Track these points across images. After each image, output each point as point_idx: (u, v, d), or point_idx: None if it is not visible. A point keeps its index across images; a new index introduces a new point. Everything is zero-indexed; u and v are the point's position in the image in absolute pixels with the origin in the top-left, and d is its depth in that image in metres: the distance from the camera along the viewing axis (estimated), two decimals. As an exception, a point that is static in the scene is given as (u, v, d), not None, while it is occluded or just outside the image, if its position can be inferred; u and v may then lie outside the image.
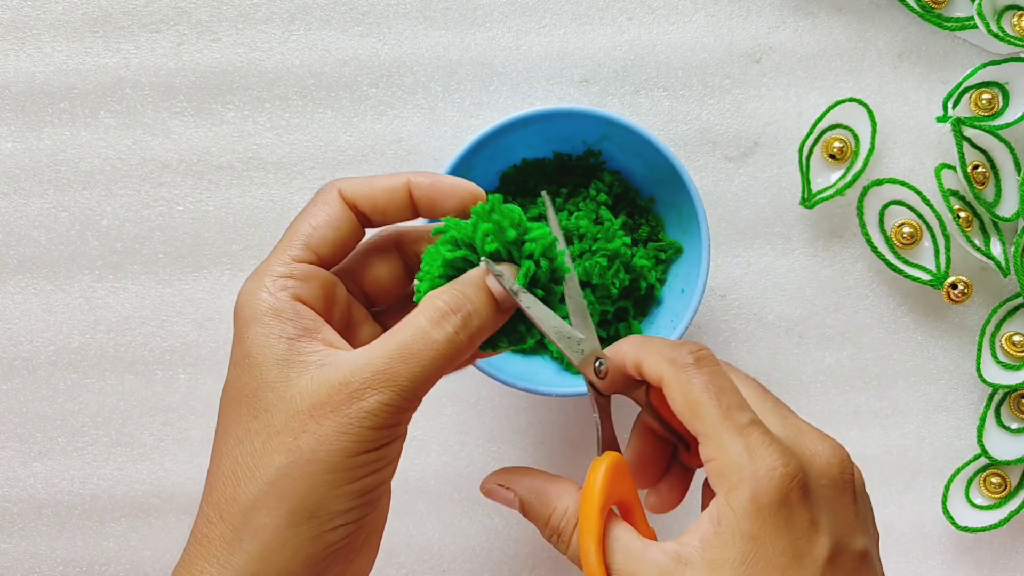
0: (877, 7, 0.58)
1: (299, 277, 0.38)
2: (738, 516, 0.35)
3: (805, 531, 0.35)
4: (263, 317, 0.36)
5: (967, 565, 0.59)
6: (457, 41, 0.58)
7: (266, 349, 0.36)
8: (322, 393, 0.35)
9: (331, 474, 0.34)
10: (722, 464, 0.36)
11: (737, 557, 0.35)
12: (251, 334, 0.36)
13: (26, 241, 0.58)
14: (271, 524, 0.34)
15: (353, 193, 0.39)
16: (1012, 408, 0.57)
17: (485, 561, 0.58)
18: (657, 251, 0.54)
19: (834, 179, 0.57)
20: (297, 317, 0.37)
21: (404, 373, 0.35)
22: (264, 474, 0.35)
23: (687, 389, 0.37)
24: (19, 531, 0.59)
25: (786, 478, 0.35)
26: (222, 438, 0.36)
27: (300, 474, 0.34)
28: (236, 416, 0.36)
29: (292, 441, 0.35)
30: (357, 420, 0.34)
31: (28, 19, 0.58)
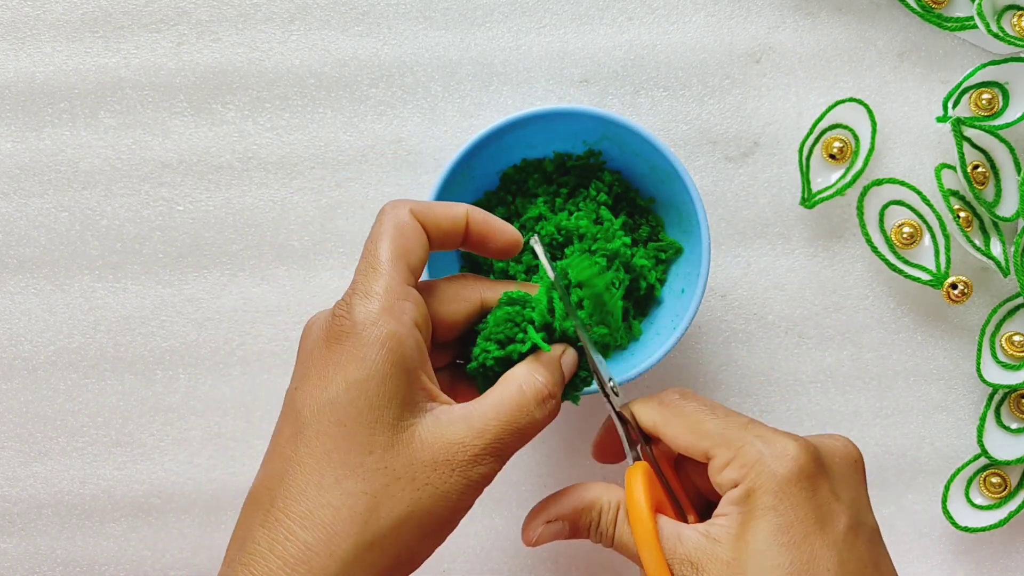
0: (877, 7, 0.58)
1: (412, 301, 0.38)
2: (763, 494, 0.37)
3: (826, 500, 0.38)
4: (389, 342, 0.36)
5: (967, 565, 0.59)
6: (457, 41, 0.58)
7: (390, 380, 0.36)
8: (444, 450, 0.36)
9: (439, 529, 0.37)
10: (740, 458, 0.38)
11: (766, 528, 0.37)
12: (376, 358, 0.36)
13: (26, 241, 0.58)
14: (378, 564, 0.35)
15: (424, 217, 0.40)
16: (1012, 408, 0.57)
17: (485, 561, 0.58)
18: (657, 251, 0.54)
19: (834, 179, 0.57)
20: (417, 348, 0.37)
21: (512, 446, 0.38)
22: (384, 519, 0.35)
23: (682, 418, 0.40)
24: (19, 531, 0.59)
25: (800, 450, 0.38)
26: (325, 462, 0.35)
27: (417, 524, 0.36)
28: (346, 444, 0.35)
29: (414, 493, 0.35)
30: (475, 484, 0.37)
31: (28, 19, 0.58)
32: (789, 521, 0.37)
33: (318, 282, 0.58)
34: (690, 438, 0.40)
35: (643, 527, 0.38)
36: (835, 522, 0.37)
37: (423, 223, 0.39)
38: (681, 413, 0.40)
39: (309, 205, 0.58)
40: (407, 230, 0.39)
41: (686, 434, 0.40)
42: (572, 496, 0.41)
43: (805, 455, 0.38)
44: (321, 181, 0.58)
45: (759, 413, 0.58)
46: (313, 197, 0.58)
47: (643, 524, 0.38)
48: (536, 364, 0.40)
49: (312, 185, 0.58)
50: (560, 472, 0.58)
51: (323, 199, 0.58)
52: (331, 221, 0.58)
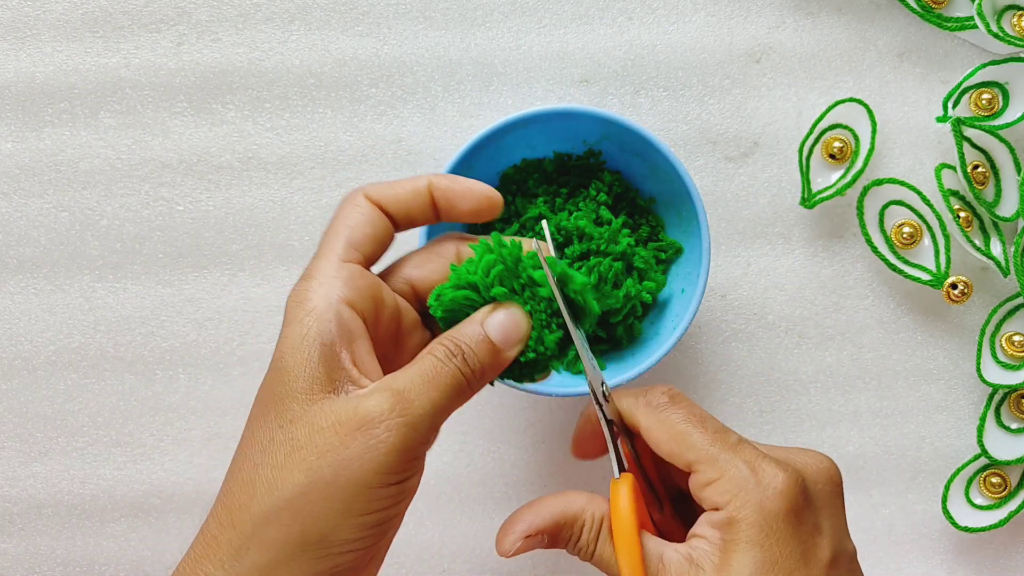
0: (877, 7, 0.58)
1: (346, 277, 0.37)
2: (747, 525, 0.36)
3: (810, 534, 0.37)
4: (305, 319, 0.36)
5: (967, 565, 0.59)
6: (457, 41, 0.58)
7: (299, 353, 0.36)
8: (347, 413, 0.35)
9: (348, 502, 0.34)
10: (724, 483, 0.37)
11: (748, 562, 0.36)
12: (290, 335, 0.36)
13: (26, 241, 0.58)
14: (280, 540, 0.34)
15: (379, 196, 0.39)
16: (1012, 408, 0.57)
17: (485, 561, 0.58)
18: (657, 251, 0.54)
19: (834, 179, 0.57)
20: (338, 321, 0.36)
21: (423, 399, 0.35)
22: (282, 489, 0.34)
23: (669, 426, 0.39)
24: (19, 531, 0.59)
25: (790, 484, 0.37)
26: (247, 442, 0.36)
27: (318, 497, 0.34)
28: (263, 421, 0.36)
29: (314, 461, 0.34)
30: (377, 445, 0.34)
31: (28, 19, 0.58)
32: (774, 557, 0.36)
33: (318, 282, 0.58)
34: (673, 448, 0.39)
35: (628, 546, 0.37)
36: (819, 556, 0.37)
37: (379, 202, 0.39)
38: (667, 421, 0.39)
39: (309, 205, 0.58)
40: (354, 211, 0.39)
41: (669, 442, 0.39)
42: (552, 506, 0.40)
43: (794, 488, 0.37)
44: (321, 181, 0.58)
45: (759, 413, 0.58)
46: (313, 197, 0.58)
47: (628, 543, 0.37)
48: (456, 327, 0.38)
49: (312, 185, 0.58)
50: (560, 472, 0.58)
51: (323, 199, 0.58)
52: (331, 221, 0.58)
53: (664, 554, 0.37)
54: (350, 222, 0.38)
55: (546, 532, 0.39)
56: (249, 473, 0.35)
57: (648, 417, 0.39)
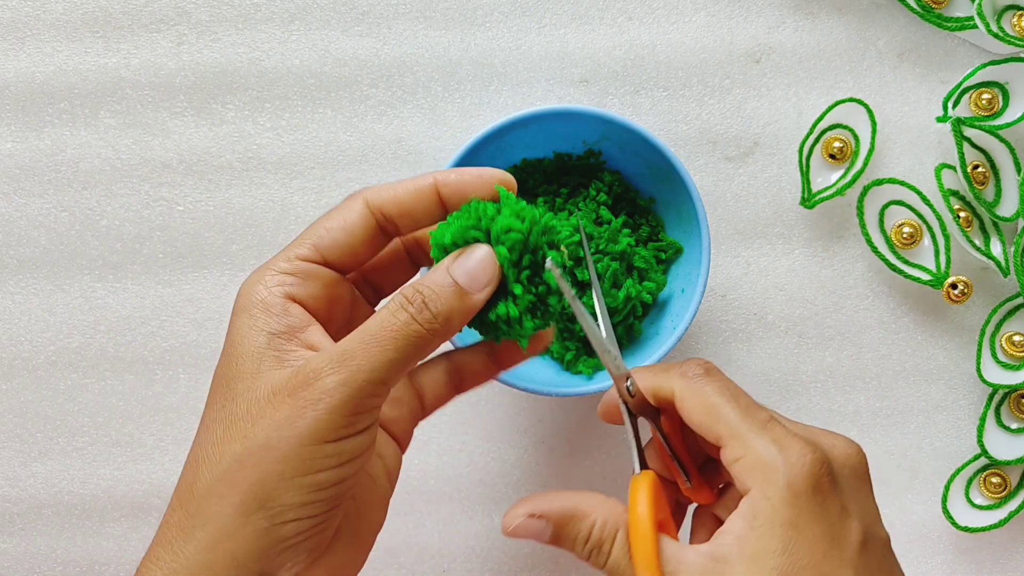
0: (877, 7, 0.58)
1: (299, 275, 0.38)
2: (775, 506, 0.35)
3: (838, 516, 0.36)
4: (252, 309, 0.37)
5: (967, 565, 0.59)
6: (457, 41, 0.58)
7: (246, 340, 0.36)
8: (283, 380, 0.35)
9: (282, 463, 0.34)
10: (751, 460, 0.36)
11: (778, 546, 0.35)
12: (237, 323, 0.37)
13: (26, 241, 0.58)
14: (221, 512, 0.34)
15: (380, 200, 0.39)
16: (1012, 408, 0.57)
17: (485, 561, 0.58)
18: (657, 251, 0.54)
19: (834, 179, 0.57)
20: (284, 313, 0.37)
21: (362, 354, 0.34)
22: (220, 462, 0.35)
23: (702, 397, 0.38)
24: (19, 531, 0.59)
25: (816, 464, 0.36)
26: (199, 427, 0.37)
27: (252, 462, 0.34)
28: (211, 405, 0.36)
29: (249, 428, 0.34)
30: (312, 403, 0.34)
31: (28, 19, 0.58)
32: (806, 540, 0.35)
33: (318, 282, 0.58)
34: (705, 419, 0.38)
35: (644, 549, 0.36)
36: (848, 539, 0.36)
37: (379, 205, 0.39)
38: (701, 392, 0.38)
39: (309, 205, 0.58)
40: (338, 214, 0.39)
41: (702, 414, 0.38)
42: (564, 499, 0.38)
43: (821, 468, 0.36)
44: (321, 181, 0.58)
45: (759, 413, 0.58)
46: (313, 197, 0.58)
47: (644, 546, 0.36)
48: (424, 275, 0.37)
49: (312, 185, 0.58)
50: (560, 472, 0.58)
51: (323, 199, 0.58)
52: (331, 221, 0.58)
53: (685, 557, 0.36)
54: (328, 224, 0.39)
55: (550, 519, 0.38)
56: (194, 453, 0.36)
57: (683, 387, 0.39)
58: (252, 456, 0.34)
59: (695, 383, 0.38)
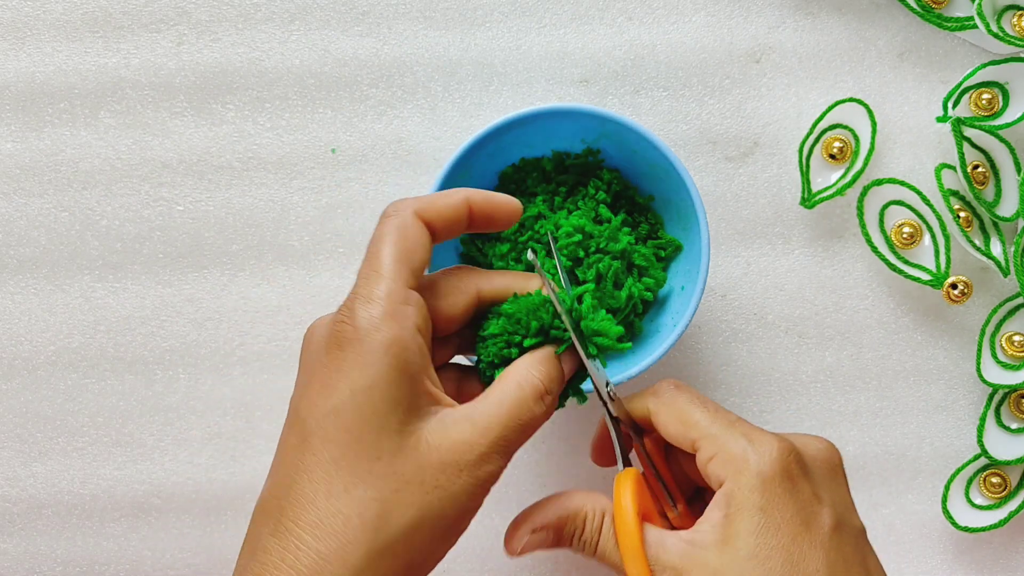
0: (877, 7, 0.58)
1: (414, 305, 0.37)
2: (746, 492, 0.37)
3: (809, 501, 0.38)
4: (392, 348, 0.36)
5: (967, 565, 0.58)
6: (457, 41, 0.58)
7: (394, 386, 0.36)
8: (451, 451, 0.36)
9: (450, 531, 0.36)
10: (724, 456, 0.38)
11: (749, 528, 0.37)
12: (378, 364, 0.35)
13: (26, 241, 0.58)
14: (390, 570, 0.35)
15: (429, 215, 0.39)
16: (1012, 408, 0.57)
17: (485, 561, 0.58)
18: (657, 248, 0.54)
19: (834, 179, 0.57)
20: (420, 352, 0.37)
21: (515, 442, 0.38)
22: (395, 525, 0.35)
23: (674, 408, 0.41)
24: (19, 531, 0.59)
25: (784, 452, 0.38)
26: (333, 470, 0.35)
27: (428, 529, 0.35)
28: (353, 451, 0.35)
29: (423, 497, 0.35)
30: (483, 483, 0.37)
31: (28, 19, 0.58)
32: (776, 522, 0.37)
33: (318, 282, 0.58)
34: (679, 428, 0.40)
35: (628, 535, 0.38)
36: (819, 523, 0.38)
37: (427, 220, 0.39)
38: (673, 403, 0.41)
39: (309, 205, 0.58)
40: (410, 232, 0.38)
41: (675, 423, 0.40)
42: (556, 505, 0.41)
43: (788, 455, 0.38)
44: (321, 181, 0.58)
45: (759, 413, 0.58)
46: (313, 197, 0.58)
47: (629, 532, 0.38)
48: (532, 360, 0.40)
49: (312, 185, 0.58)
50: (560, 472, 0.58)
51: (323, 199, 0.58)
52: (331, 221, 0.58)
53: (666, 541, 0.38)
54: (406, 244, 0.38)
55: (550, 528, 0.41)
56: (352, 506, 0.35)
57: (655, 403, 0.41)
58: (428, 523, 0.36)
59: (666, 397, 0.41)
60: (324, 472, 0.35)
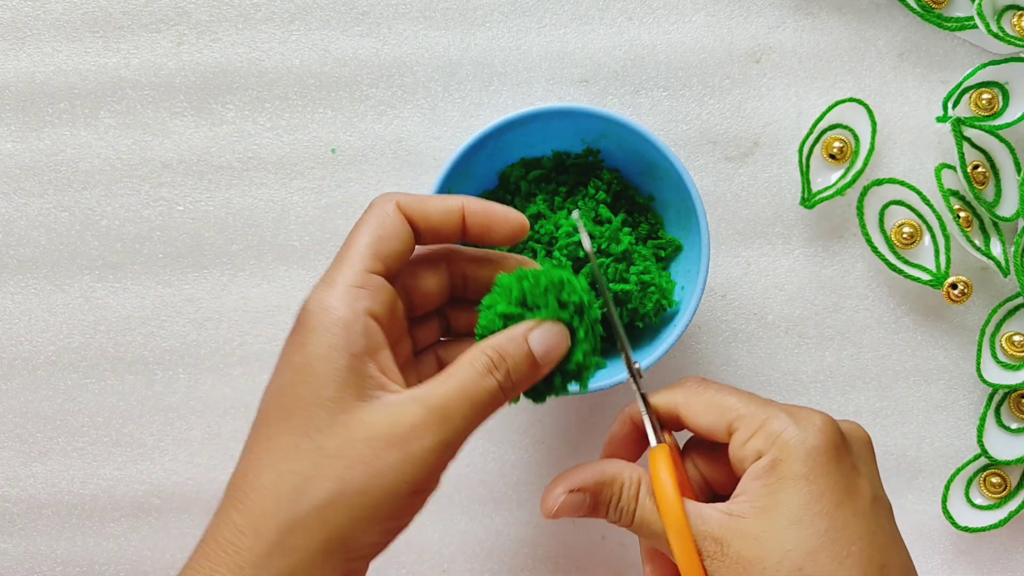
0: (877, 7, 0.58)
1: (372, 289, 0.37)
2: (791, 463, 0.38)
3: (851, 472, 0.39)
4: (333, 327, 0.36)
5: (967, 565, 0.59)
6: (457, 41, 0.58)
7: (329, 363, 0.36)
8: (381, 426, 0.35)
9: (375, 510, 0.35)
10: (765, 432, 0.39)
11: (794, 496, 0.37)
12: (317, 343, 0.36)
13: (26, 241, 0.58)
14: (304, 547, 0.34)
15: (410, 208, 0.39)
16: (1012, 408, 0.57)
17: (485, 561, 0.58)
18: (657, 249, 0.54)
19: (834, 179, 0.57)
20: (365, 333, 0.36)
21: (461, 415, 0.36)
22: (309, 498, 0.34)
23: (705, 397, 0.41)
24: (19, 531, 0.59)
25: (829, 424, 0.39)
26: (264, 446, 0.36)
27: (346, 504, 0.35)
28: (285, 427, 0.36)
29: (345, 470, 0.35)
30: (415, 459, 0.35)
31: (28, 19, 0.58)
32: (821, 490, 0.37)
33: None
34: (712, 415, 0.40)
35: (670, 505, 0.39)
36: (861, 493, 0.38)
37: (409, 215, 0.39)
38: (703, 393, 0.41)
39: (309, 205, 0.58)
40: (386, 220, 0.39)
41: (708, 411, 0.40)
42: (594, 468, 0.41)
43: (832, 427, 0.39)
44: (321, 181, 0.58)
45: (759, 413, 0.58)
46: (313, 197, 0.58)
47: (670, 502, 0.39)
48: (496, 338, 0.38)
49: (312, 185, 0.58)
50: (560, 472, 0.58)
51: (323, 199, 0.58)
52: (331, 221, 0.58)
53: (704, 512, 0.38)
54: (381, 232, 0.38)
55: (588, 490, 0.40)
56: (272, 480, 0.35)
57: (684, 394, 0.41)
58: (346, 498, 0.35)
59: (694, 388, 0.41)
60: (260, 449, 0.36)
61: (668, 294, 0.52)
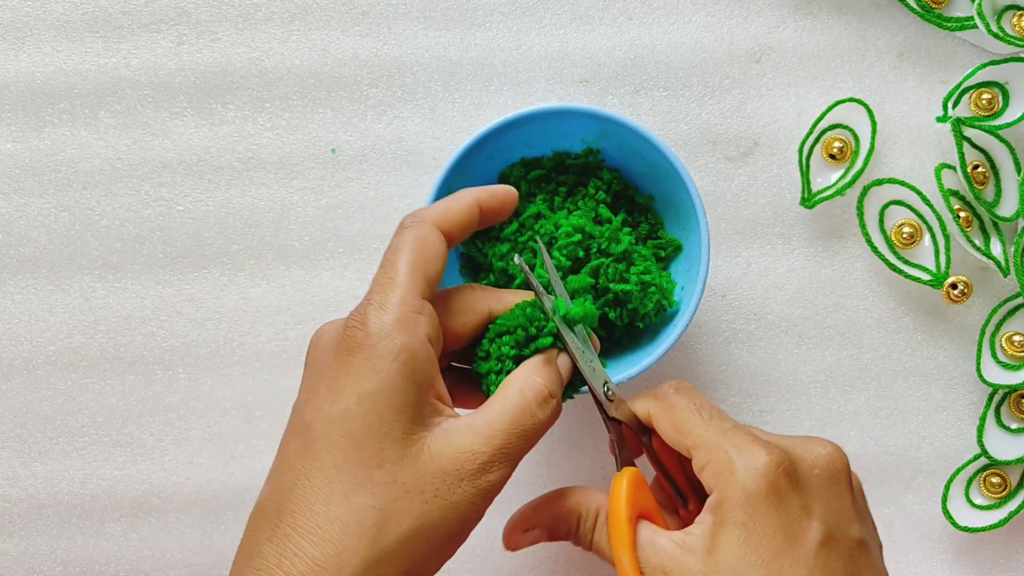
0: (877, 7, 0.58)
1: (427, 315, 0.37)
2: (731, 506, 0.37)
3: (796, 516, 0.37)
4: (401, 355, 0.36)
5: (967, 565, 0.58)
6: (457, 41, 0.58)
7: (400, 393, 0.36)
8: (452, 460, 0.36)
9: (449, 541, 0.36)
10: (714, 466, 0.38)
11: (732, 542, 0.37)
12: (386, 371, 0.35)
13: (26, 241, 0.58)
14: None
15: (447, 226, 0.40)
16: (1012, 408, 0.57)
17: (485, 561, 0.58)
18: (657, 249, 0.54)
19: (834, 179, 0.57)
20: (428, 362, 0.37)
21: (520, 449, 0.37)
22: (393, 534, 0.35)
23: (671, 414, 0.41)
24: (19, 531, 0.59)
25: (771, 465, 0.38)
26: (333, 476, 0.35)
27: (426, 538, 0.35)
28: (354, 456, 0.35)
29: (423, 506, 0.35)
30: (484, 492, 0.36)
31: (28, 19, 0.58)
32: (758, 538, 0.37)
33: (318, 282, 0.58)
34: (675, 435, 0.40)
35: (619, 535, 0.39)
36: (806, 538, 0.37)
37: (445, 230, 0.39)
38: (671, 408, 0.41)
39: (309, 205, 0.58)
40: (428, 242, 0.38)
41: (672, 431, 0.40)
42: (552, 505, 0.42)
43: (776, 470, 0.37)
44: (321, 181, 0.58)
45: (759, 413, 0.58)
46: (313, 197, 0.58)
47: (620, 531, 0.39)
48: (532, 365, 0.40)
49: (312, 185, 0.58)
50: (560, 472, 0.58)
51: (323, 199, 0.58)
52: (331, 221, 0.58)
53: (658, 542, 0.38)
54: (425, 255, 0.38)
55: (544, 528, 0.41)
56: (350, 513, 0.35)
57: (655, 406, 0.42)
58: (426, 533, 0.35)
59: (665, 401, 0.41)
60: (325, 478, 0.35)
61: (668, 294, 0.52)
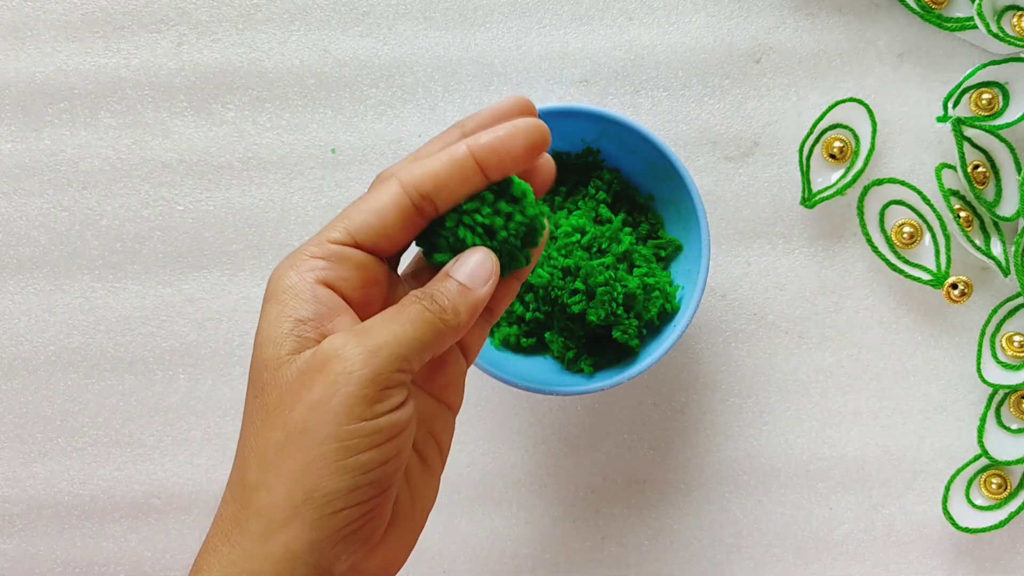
0: (877, 7, 0.58)
1: (330, 258, 0.37)
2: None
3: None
4: (281, 295, 0.36)
5: (967, 566, 0.58)
6: (457, 41, 0.58)
7: (272, 327, 0.36)
8: (307, 361, 0.35)
9: (323, 446, 0.33)
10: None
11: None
12: (265, 311, 0.36)
13: (26, 241, 0.58)
14: (270, 504, 0.34)
15: (414, 179, 0.37)
16: (1012, 408, 0.57)
17: (485, 561, 0.58)
18: (657, 248, 0.54)
19: (834, 179, 0.57)
20: (313, 299, 0.36)
21: (381, 328, 0.35)
22: (264, 453, 0.34)
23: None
24: (19, 531, 0.59)
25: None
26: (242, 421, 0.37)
27: (294, 448, 0.34)
28: (247, 397, 0.36)
29: (286, 414, 0.34)
30: (342, 376, 0.34)
31: (28, 19, 0.58)
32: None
33: (318, 282, 0.58)
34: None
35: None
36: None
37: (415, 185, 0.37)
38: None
39: (309, 205, 0.58)
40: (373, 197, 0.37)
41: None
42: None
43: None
44: (321, 181, 0.58)
45: (759, 413, 0.58)
46: (313, 197, 0.58)
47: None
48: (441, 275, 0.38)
49: (312, 185, 0.58)
50: (560, 472, 0.58)
51: (323, 199, 0.58)
52: (331, 221, 0.58)
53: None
54: (362, 206, 0.37)
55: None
56: (239, 448, 0.36)
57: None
58: (293, 443, 0.34)
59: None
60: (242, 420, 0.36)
61: (671, 297, 0.52)
